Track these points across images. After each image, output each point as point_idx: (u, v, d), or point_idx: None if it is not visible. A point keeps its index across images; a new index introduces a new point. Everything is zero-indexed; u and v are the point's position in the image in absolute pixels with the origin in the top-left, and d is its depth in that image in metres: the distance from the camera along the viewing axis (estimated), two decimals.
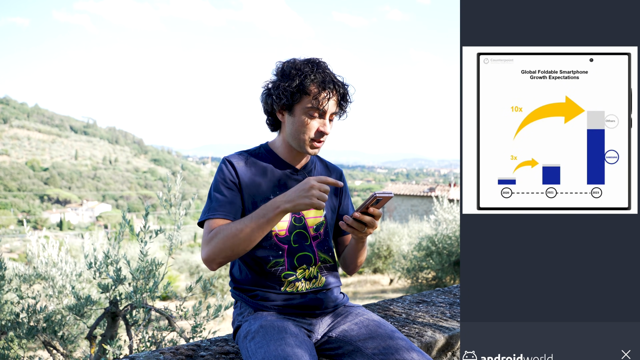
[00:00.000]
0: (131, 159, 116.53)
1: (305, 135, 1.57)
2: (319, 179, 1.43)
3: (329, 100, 1.56)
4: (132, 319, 2.87)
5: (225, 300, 3.07)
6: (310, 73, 1.55)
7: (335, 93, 1.57)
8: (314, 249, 1.65)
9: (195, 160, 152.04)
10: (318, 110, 1.56)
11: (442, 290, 2.53)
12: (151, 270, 2.84)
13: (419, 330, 1.92)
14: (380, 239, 15.53)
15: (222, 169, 1.61)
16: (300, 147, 1.60)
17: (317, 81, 1.55)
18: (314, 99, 1.55)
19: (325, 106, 1.56)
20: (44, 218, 64.96)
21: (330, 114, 1.59)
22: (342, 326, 1.60)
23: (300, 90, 1.55)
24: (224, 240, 1.46)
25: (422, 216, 22.44)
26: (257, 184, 1.61)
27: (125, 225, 3.06)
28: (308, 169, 1.70)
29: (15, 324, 3.00)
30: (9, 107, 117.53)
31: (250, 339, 1.47)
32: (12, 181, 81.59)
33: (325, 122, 1.58)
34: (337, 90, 1.58)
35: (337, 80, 1.60)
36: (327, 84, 1.56)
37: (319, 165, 1.77)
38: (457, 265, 8.91)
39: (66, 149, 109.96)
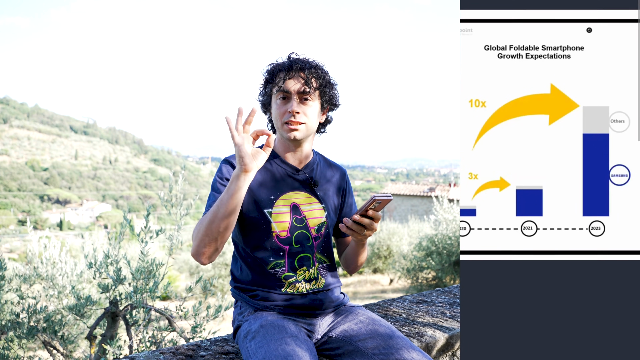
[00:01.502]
0: (131, 159, 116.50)
1: (280, 121, 1.58)
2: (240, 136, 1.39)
3: (290, 79, 1.56)
4: (132, 319, 2.87)
5: (225, 301, 3.07)
6: (276, 64, 1.59)
7: (296, 70, 1.57)
8: (315, 250, 1.65)
9: (195, 160, 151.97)
10: (283, 92, 1.57)
11: (442, 290, 2.53)
12: (151, 271, 2.84)
13: (419, 330, 1.92)
14: (380, 239, 15.53)
15: (222, 169, 1.62)
16: (282, 136, 1.61)
17: (281, 67, 1.58)
18: (277, 84, 1.57)
19: (287, 84, 1.55)
20: (44, 218, 64.94)
21: (297, 93, 1.56)
22: (343, 326, 1.60)
23: (268, 81, 1.60)
24: (203, 230, 1.45)
25: (422, 216, 22.44)
26: (258, 184, 1.60)
27: (126, 225, 3.06)
28: (310, 168, 1.69)
29: (15, 324, 3.00)
30: (9, 107, 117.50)
31: (251, 339, 1.47)
32: (12, 181, 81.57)
33: (293, 102, 1.55)
34: (299, 67, 1.57)
35: (300, 59, 1.60)
36: (290, 65, 1.57)
37: (322, 164, 1.75)
38: (457, 265, 8.91)
39: (66, 149, 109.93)
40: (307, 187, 1.66)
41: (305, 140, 1.64)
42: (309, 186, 1.66)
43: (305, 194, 1.66)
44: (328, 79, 1.63)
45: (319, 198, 1.68)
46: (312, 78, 1.58)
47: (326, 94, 1.62)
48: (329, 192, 1.72)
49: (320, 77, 1.60)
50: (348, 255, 1.73)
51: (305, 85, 1.56)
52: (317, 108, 1.62)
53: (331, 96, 1.64)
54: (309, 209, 1.65)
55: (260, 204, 1.59)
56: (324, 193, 1.70)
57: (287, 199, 1.62)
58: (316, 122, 1.64)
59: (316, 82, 1.59)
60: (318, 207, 1.67)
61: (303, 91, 1.56)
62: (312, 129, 1.63)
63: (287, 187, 1.63)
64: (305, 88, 1.56)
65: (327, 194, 1.71)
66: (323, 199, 1.69)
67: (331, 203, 1.71)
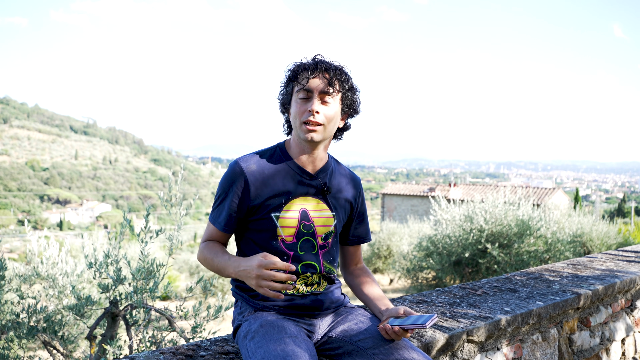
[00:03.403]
0: (131, 159, 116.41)
1: (298, 121, 1.54)
2: (266, 265, 1.39)
3: (313, 78, 1.53)
4: (132, 319, 2.87)
5: (225, 301, 3.06)
6: (301, 64, 1.57)
7: (320, 70, 1.54)
8: (320, 259, 1.62)
9: (195, 160, 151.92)
10: (305, 91, 1.53)
11: (442, 290, 2.53)
12: (151, 271, 2.84)
13: (419, 330, 1.92)
14: (380, 239, 15.52)
15: (230, 173, 1.58)
16: (299, 136, 1.56)
17: (306, 66, 1.56)
18: (300, 82, 1.55)
19: (310, 83, 1.53)
20: (44, 218, 64.92)
21: (319, 93, 1.53)
22: (342, 326, 1.60)
23: (291, 79, 1.57)
24: (204, 259, 1.62)
25: (422, 216, 22.43)
26: (268, 187, 1.57)
27: (126, 226, 3.06)
28: (323, 174, 1.63)
29: (15, 324, 3.00)
30: (9, 107, 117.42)
31: (250, 339, 1.47)
32: (12, 181, 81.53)
33: (314, 101, 1.52)
34: (323, 68, 1.55)
35: (325, 61, 1.57)
36: (315, 65, 1.55)
37: (337, 172, 1.69)
38: (457, 265, 8.90)
39: (66, 149, 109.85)
40: (320, 194, 1.62)
41: (321, 144, 1.59)
42: (322, 193, 1.62)
43: (317, 200, 1.62)
44: (351, 84, 1.60)
45: (330, 205, 1.64)
46: (335, 80, 1.55)
47: (348, 98, 1.59)
48: (341, 200, 1.68)
49: (344, 80, 1.57)
50: (356, 291, 1.76)
51: (328, 85, 1.53)
52: (338, 111, 1.58)
53: (352, 101, 1.61)
54: (319, 216, 1.61)
55: (268, 208, 1.56)
56: (336, 201, 1.66)
57: (297, 204, 1.59)
58: (335, 126, 1.59)
59: (339, 84, 1.56)
60: (328, 214, 1.63)
61: (326, 91, 1.53)
62: (330, 132, 1.58)
63: (299, 192, 1.59)
64: (328, 88, 1.53)
65: (339, 202, 1.67)
66: (335, 206, 1.65)
67: (342, 211, 1.68)
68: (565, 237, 8.76)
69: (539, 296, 2.42)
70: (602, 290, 2.64)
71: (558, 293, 2.48)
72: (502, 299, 2.36)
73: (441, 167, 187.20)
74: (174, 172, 3.50)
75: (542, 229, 8.41)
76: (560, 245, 8.43)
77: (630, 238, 10.51)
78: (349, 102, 1.60)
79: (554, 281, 2.75)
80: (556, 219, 9.23)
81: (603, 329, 2.74)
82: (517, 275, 2.88)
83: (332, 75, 1.54)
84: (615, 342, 2.80)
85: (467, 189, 27.56)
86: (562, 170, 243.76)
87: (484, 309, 2.19)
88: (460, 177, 75.63)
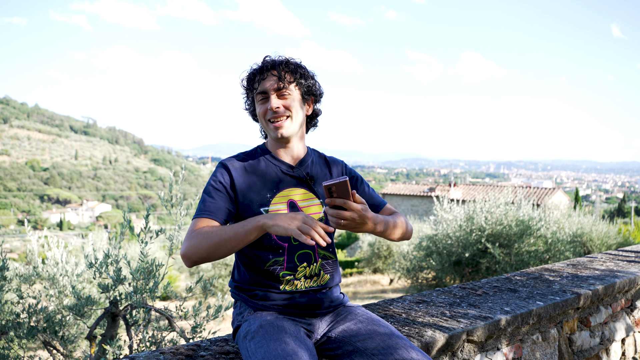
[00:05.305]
0: (131, 159, 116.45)
1: (264, 121, 1.63)
2: (312, 219, 1.38)
3: (264, 79, 1.60)
4: (132, 319, 2.87)
5: (225, 301, 3.06)
6: (250, 72, 1.64)
7: (268, 70, 1.60)
8: (314, 246, 1.64)
9: (195, 160, 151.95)
10: (261, 94, 1.61)
11: (442, 290, 2.53)
12: (151, 271, 2.84)
13: (419, 330, 1.92)
14: (380, 239, 15.53)
15: (216, 172, 1.63)
16: (271, 136, 1.64)
17: (255, 72, 1.63)
18: (255, 88, 1.63)
19: (263, 85, 1.60)
20: (44, 218, 64.93)
21: (273, 90, 1.60)
22: (342, 326, 1.60)
23: (248, 88, 1.65)
24: (201, 242, 1.46)
25: (422, 216, 22.44)
26: (252, 183, 1.61)
27: (126, 226, 3.06)
28: (304, 165, 1.69)
29: (15, 324, 3.00)
30: (9, 107, 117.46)
31: (250, 339, 1.47)
32: (12, 181, 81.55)
33: (271, 99, 1.59)
34: (270, 66, 1.61)
35: (271, 59, 1.63)
36: (262, 67, 1.62)
37: (317, 159, 1.75)
38: (457, 265, 8.90)
39: (66, 149, 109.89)
40: (305, 184, 1.67)
41: (294, 136, 1.65)
42: (306, 182, 1.67)
43: (304, 191, 1.66)
44: (302, 71, 1.65)
45: (317, 194, 1.68)
46: (285, 73, 1.61)
47: (303, 85, 1.64)
48: None
49: (294, 71, 1.63)
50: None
51: (279, 81, 1.60)
52: (298, 100, 1.64)
53: (309, 86, 1.66)
54: (307, 205, 1.65)
55: (256, 203, 1.59)
56: (322, 187, 1.70)
57: (284, 196, 1.62)
58: (300, 115, 1.65)
59: (290, 75, 1.62)
60: (316, 202, 1.67)
61: (278, 87, 1.59)
62: (298, 122, 1.64)
63: (284, 185, 1.63)
64: (279, 84, 1.59)
65: None
66: (322, 194, 1.69)
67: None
68: (565, 237, 8.76)
69: (539, 296, 2.42)
70: (602, 290, 2.64)
71: (558, 293, 2.48)
72: (502, 299, 2.36)
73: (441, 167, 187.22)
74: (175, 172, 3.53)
75: (542, 229, 8.42)
76: (560, 245, 8.44)
77: (630, 238, 10.52)
78: (305, 88, 1.66)
79: (554, 281, 2.75)
80: (556, 219, 9.23)
81: (603, 329, 2.74)
82: (517, 275, 2.88)
83: (281, 70, 1.61)
84: (615, 342, 2.81)
85: (467, 189, 27.58)
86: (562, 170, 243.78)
87: (484, 309, 2.19)
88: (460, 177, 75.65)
